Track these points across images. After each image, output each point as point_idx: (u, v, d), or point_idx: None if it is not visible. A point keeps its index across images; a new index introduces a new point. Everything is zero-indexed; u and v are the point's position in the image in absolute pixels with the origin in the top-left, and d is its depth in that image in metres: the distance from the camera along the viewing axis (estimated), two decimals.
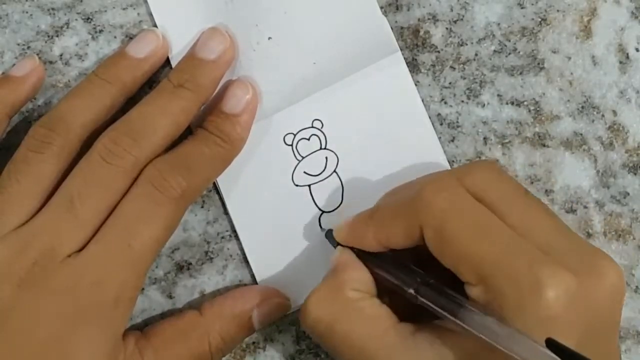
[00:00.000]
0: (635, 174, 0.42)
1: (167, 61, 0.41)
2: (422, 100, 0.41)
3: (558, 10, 0.42)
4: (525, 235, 0.33)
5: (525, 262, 0.31)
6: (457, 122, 0.41)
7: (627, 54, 0.42)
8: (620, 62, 0.42)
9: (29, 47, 0.41)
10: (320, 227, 0.40)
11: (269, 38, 0.41)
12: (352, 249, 0.37)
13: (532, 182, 0.41)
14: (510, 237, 0.32)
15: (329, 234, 0.39)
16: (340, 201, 0.41)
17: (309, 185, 0.41)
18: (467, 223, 0.33)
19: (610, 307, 0.33)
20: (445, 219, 0.33)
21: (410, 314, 0.35)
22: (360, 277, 0.36)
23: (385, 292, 0.36)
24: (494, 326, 0.31)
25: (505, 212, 0.33)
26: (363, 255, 0.37)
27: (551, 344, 0.29)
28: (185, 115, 0.38)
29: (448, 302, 0.33)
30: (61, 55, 0.41)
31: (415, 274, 0.35)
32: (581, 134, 0.42)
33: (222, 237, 0.41)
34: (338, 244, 0.38)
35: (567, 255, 0.32)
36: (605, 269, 0.32)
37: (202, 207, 0.41)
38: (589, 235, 0.41)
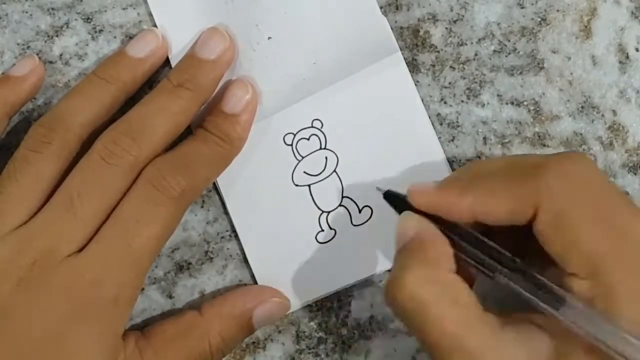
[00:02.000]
0: (635, 174, 0.42)
1: (167, 61, 0.41)
2: (422, 100, 0.41)
3: (558, 10, 0.42)
4: (635, 238, 0.31)
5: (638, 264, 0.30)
6: (457, 122, 0.41)
7: (627, 54, 0.42)
8: (620, 62, 0.42)
9: (29, 47, 0.41)
10: (320, 227, 0.40)
11: (269, 38, 0.41)
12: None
13: None
14: (625, 236, 0.31)
15: (392, 198, 0.36)
16: (340, 201, 0.41)
17: (309, 185, 0.41)
18: (589, 212, 0.31)
19: None
20: (569, 203, 0.31)
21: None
22: (450, 256, 0.33)
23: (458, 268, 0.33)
24: (603, 324, 0.29)
25: (613, 210, 0.32)
26: (440, 228, 0.34)
27: None
28: (185, 115, 0.38)
29: (547, 293, 0.31)
30: (61, 55, 0.41)
31: (503, 256, 0.32)
32: (581, 134, 0.42)
33: (222, 237, 0.41)
34: (404, 208, 0.34)
35: None
36: None
37: (202, 207, 0.41)
38: None
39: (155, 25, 0.41)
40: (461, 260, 0.33)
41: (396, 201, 0.35)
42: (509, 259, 0.32)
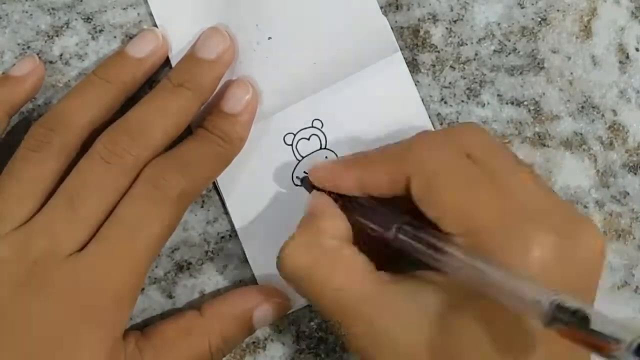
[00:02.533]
0: (635, 173, 0.42)
1: (167, 61, 0.41)
2: (422, 100, 0.41)
3: (558, 10, 0.42)
4: (512, 194, 0.33)
5: (514, 220, 0.32)
6: (457, 121, 0.41)
7: (627, 54, 0.42)
8: (620, 62, 0.42)
9: (29, 47, 0.41)
10: None
11: (269, 38, 0.41)
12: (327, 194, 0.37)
13: None
14: (500, 194, 0.33)
15: (305, 181, 0.39)
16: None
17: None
18: (459, 175, 0.33)
19: (591, 270, 0.33)
20: (437, 168, 0.33)
21: (387, 267, 0.35)
22: (338, 224, 0.36)
23: (361, 242, 0.36)
24: (483, 265, 0.30)
25: (494, 171, 0.34)
26: (338, 199, 0.36)
27: None
28: (185, 114, 0.38)
29: (432, 240, 0.33)
30: (61, 55, 0.41)
31: (395, 216, 0.35)
32: (581, 134, 0.42)
33: (222, 237, 0.41)
34: (313, 188, 0.37)
35: (551, 217, 0.32)
36: (587, 233, 0.33)
37: (202, 207, 0.41)
38: None
39: (155, 25, 0.41)
40: (362, 228, 0.35)
41: (307, 184, 0.38)
42: (395, 219, 0.34)
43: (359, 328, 0.33)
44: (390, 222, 0.34)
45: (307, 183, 0.38)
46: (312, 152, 0.41)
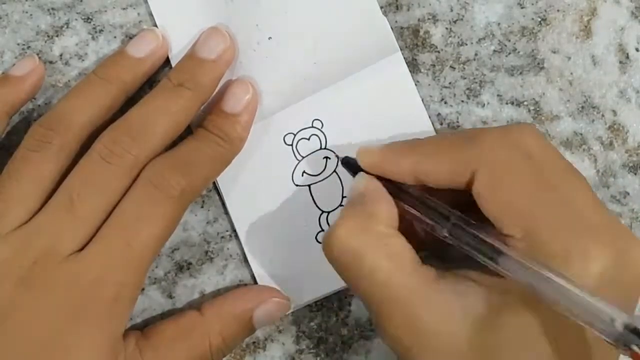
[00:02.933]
0: (635, 174, 0.42)
1: (167, 61, 0.41)
2: (422, 100, 0.41)
3: (558, 10, 0.42)
4: (572, 204, 0.32)
5: (576, 229, 0.31)
6: (457, 122, 0.41)
7: (627, 54, 0.42)
8: (620, 62, 0.42)
9: (29, 47, 0.41)
10: (320, 227, 0.40)
11: (269, 38, 0.41)
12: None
13: None
14: (561, 201, 0.32)
15: (347, 161, 0.37)
16: (340, 201, 0.41)
17: (309, 185, 0.41)
18: (525, 177, 0.33)
19: (638, 288, 0.32)
20: (504, 167, 0.33)
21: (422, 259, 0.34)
22: (390, 211, 0.35)
23: (405, 229, 0.35)
24: (542, 272, 0.30)
25: (553, 177, 0.33)
26: (388, 187, 0.35)
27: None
28: (185, 114, 0.38)
29: (488, 244, 0.32)
30: (61, 55, 0.41)
31: (448, 210, 0.34)
32: (581, 134, 0.42)
33: (222, 237, 0.41)
34: (358, 171, 0.36)
35: (608, 231, 0.32)
36: (638, 250, 0.32)
37: (202, 207, 0.41)
38: None
39: (155, 25, 0.41)
40: (408, 218, 0.35)
41: (353, 167, 0.37)
42: (450, 214, 0.34)
43: (399, 319, 0.32)
44: (445, 217, 0.34)
45: (351, 165, 0.37)
46: (312, 152, 0.41)
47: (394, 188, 0.35)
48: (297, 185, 0.41)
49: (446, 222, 0.34)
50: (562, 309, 0.30)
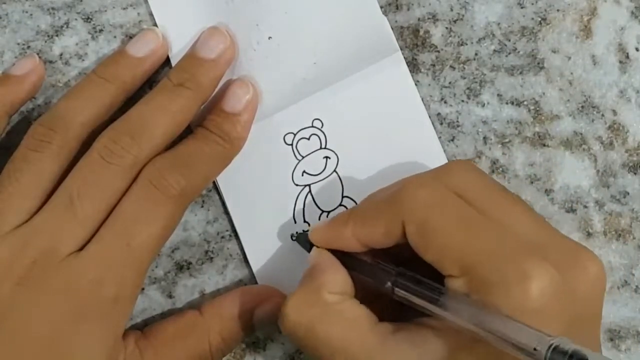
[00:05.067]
0: (635, 173, 0.42)
1: (167, 60, 0.41)
2: (422, 100, 0.41)
3: (558, 10, 0.42)
4: (506, 229, 0.33)
5: (510, 254, 0.32)
6: (457, 121, 0.41)
7: (627, 53, 0.42)
8: (620, 62, 0.42)
9: (29, 47, 0.41)
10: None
11: (270, 38, 0.41)
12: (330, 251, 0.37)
13: (532, 182, 0.41)
14: (494, 230, 0.33)
15: (300, 238, 0.39)
16: (340, 201, 0.41)
17: (309, 185, 0.41)
18: (451, 216, 0.33)
19: (593, 298, 0.33)
20: (428, 212, 0.33)
21: (392, 315, 0.35)
22: (338, 279, 0.36)
23: (364, 294, 0.36)
24: (478, 311, 0.31)
25: (486, 208, 0.34)
26: (338, 256, 0.37)
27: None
28: (185, 114, 0.38)
29: (427, 291, 0.33)
30: (61, 54, 0.41)
31: (391, 269, 0.35)
32: (581, 134, 0.42)
33: (222, 237, 0.41)
34: (312, 246, 0.38)
35: (549, 249, 0.32)
36: (587, 262, 0.33)
37: (202, 207, 0.41)
38: (589, 234, 0.41)
39: (155, 25, 0.41)
40: (362, 280, 0.36)
41: (304, 242, 0.38)
42: (391, 270, 0.35)
43: None
44: (385, 277, 0.35)
45: (304, 241, 0.38)
46: (312, 152, 0.41)
47: (343, 257, 0.36)
48: (297, 185, 0.41)
49: (389, 277, 0.35)
50: (497, 344, 0.30)
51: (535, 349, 0.29)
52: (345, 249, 0.36)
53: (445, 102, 0.41)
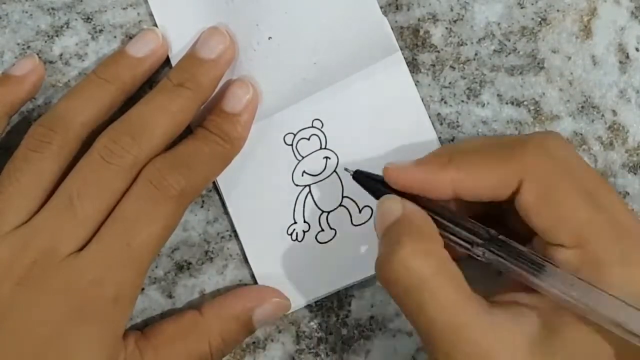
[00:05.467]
0: (635, 174, 0.42)
1: (167, 60, 0.41)
2: (422, 100, 0.41)
3: (558, 10, 0.42)
4: (615, 212, 0.32)
5: (620, 236, 0.32)
6: (457, 122, 0.41)
7: (627, 53, 0.42)
8: (620, 62, 0.42)
9: (29, 47, 0.41)
10: (320, 227, 0.40)
11: (270, 38, 0.41)
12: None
13: None
14: (604, 210, 0.32)
15: (362, 176, 0.36)
16: (340, 201, 0.41)
17: (309, 185, 0.41)
18: (569, 186, 0.32)
19: None
20: (550, 178, 0.32)
21: None
22: (439, 235, 0.33)
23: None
24: (588, 291, 0.30)
25: (590, 187, 0.33)
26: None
27: None
28: (185, 114, 0.38)
29: (528, 262, 0.32)
30: (61, 55, 0.41)
31: (484, 230, 0.33)
32: (581, 134, 0.42)
33: (222, 237, 0.41)
34: (375, 186, 0.34)
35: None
36: None
37: (202, 207, 0.41)
38: None
39: (155, 25, 0.41)
40: (449, 238, 0.33)
41: (368, 181, 0.35)
42: (485, 232, 0.33)
43: (463, 349, 0.31)
44: (480, 235, 0.33)
45: (367, 181, 0.35)
46: (312, 152, 0.41)
47: (423, 207, 0.34)
48: (297, 185, 0.41)
49: (483, 239, 0.33)
50: (608, 322, 0.30)
51: None
52: (434, 196, 0.33)
53: (445, 102, 0.41)
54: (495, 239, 0.33)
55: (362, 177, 0.36)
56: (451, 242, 0.33)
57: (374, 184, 0.35)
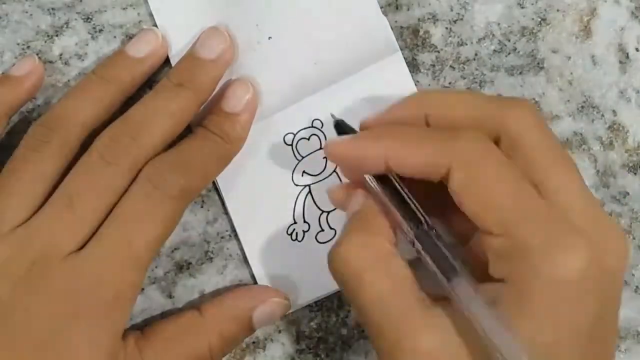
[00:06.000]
0: (635, 174, 0.42)
1: (167, 61, 0.41)
2: None
3: (558, 10, 0.42)
4: (554, 192, 0.32)
5: (556, 222, 0.31)
6: None
7: (627, 53, 0.42)
8: (620, 62, 0.42)
9: (28, 47, 0.41)
10: (320, 227, 0.40)
11: (269, 38, 0.41)
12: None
13: None
14: (547, 195, 0.32)
15: (341, 125, 0.37)
16: None
17: (309, 185, 0.41)
18: (503, 174, 0.32)
19: (619, 277, 0.33)
20: (480, 166, 0.32)
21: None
22: (388, 228, 0.34)
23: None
24: (482, 309, 0.30)
25: (538, 165, 0.33)
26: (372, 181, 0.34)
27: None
28: (185, 114, 0.38)
29: (445, 263, 0.32)
30: (61, 55, 0.41)
31: (422, 217, 0.33)
32: (581, 134, 0.42)
33: (222, 237, 0.41)
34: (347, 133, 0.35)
35: (587, 221, 0.32)
36: (617, 240, 0.32)
37: (202, 207, 0.41)
38: None
39: (155, 25, 0.41)
40: (390, 215, 0.34)
41: (342, 130, 0.37)
42: (424, 219, 0.33)
43: (393, 337, 0.32)
44: (417, 220, 0.33)
45: (340, 128, 0.37)
46: (312, 152, 0.41)
47: (379, 181, 0.34)
48: (297, 185, 0.41)
49: (417, 226, 0.33)
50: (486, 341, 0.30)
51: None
52: (365, 168, 0.34)
53: None
54: (425, 230, 0.33)
55: (340, 129, 0.37)
56: (390, 217, 0.34)
57: (346, 131, 0.36)
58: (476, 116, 0.34)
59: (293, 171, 0.41)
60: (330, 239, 0.40)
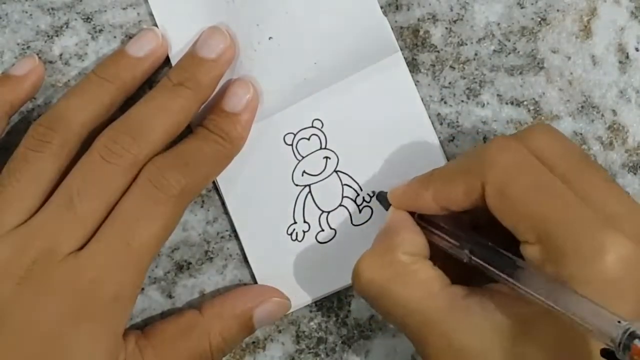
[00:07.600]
0: (635, 174, 0.42)
1: (167, 60, 0.41)
2: (422, 100, 0.41)
3: (558, 10, 0.42)
4: (585, 198, 0.32)
5: (587, 225, 0.31)
6: (457, 121, 0.41)
7: (627, 53, 0.42)
8: (620, 62, 0.42)
9: (28, 47, 0.41)
10: (320, 227, 0.40)
11: (270, 38, 0.41)
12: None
13: None
14: (572, 199, 0.32)
15: (381, 196, 0.39)
16: (340, 201, 0.41)
17: (309, 185, 0.41)
18: (530, 182, 0.33)
19: None
20: (508, 176, 0.33)
21: (464, 279, 0.35)
22: (413, 239, 0.36)
23: (439, 257, 0.36)
24: (553, 287, 0.30)
25: (566, 174, 0.33)
26: (417, 218, 0.37)
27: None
28: (185, 113, 0.38)
29: (503, 262, 0.33)
30: (61, 55, 0.41)
31: (470, 236, 0.35)
32: (581, 134, 0.42)
33: (222, 237, 0.41)
34: (390, 206, 0.38)
35: (625, 220, 0.32)
36: None
37: (202, 207, 0.41)
38: None
39: (155, 25, 0.41)
40: (440, 243, 0.36)
41: (385, 201, 0.38)
42: (473, 236, 0.35)
43: (434, 341, 0.33)
44: (464, 242, 0.35)
45: (385, 201, 0.38)
46: (312, 152, 0.41)
47: (423, 220, 0.37)
48: (297, 185, 0.41)
49: (466, 245, 0.34)
50: (570, 322, 0.30)
51: (610, 330, 0.28)
52: (424, 212, 0.36)
53: (445, 102, 0.41)
54: (478, 243, 0.34)
55: (381, 197, 0.39)
56: (443, 248, 0.36)
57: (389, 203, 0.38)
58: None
59: (293, 171, 0.41)
60: (331, 239, 0.40)
